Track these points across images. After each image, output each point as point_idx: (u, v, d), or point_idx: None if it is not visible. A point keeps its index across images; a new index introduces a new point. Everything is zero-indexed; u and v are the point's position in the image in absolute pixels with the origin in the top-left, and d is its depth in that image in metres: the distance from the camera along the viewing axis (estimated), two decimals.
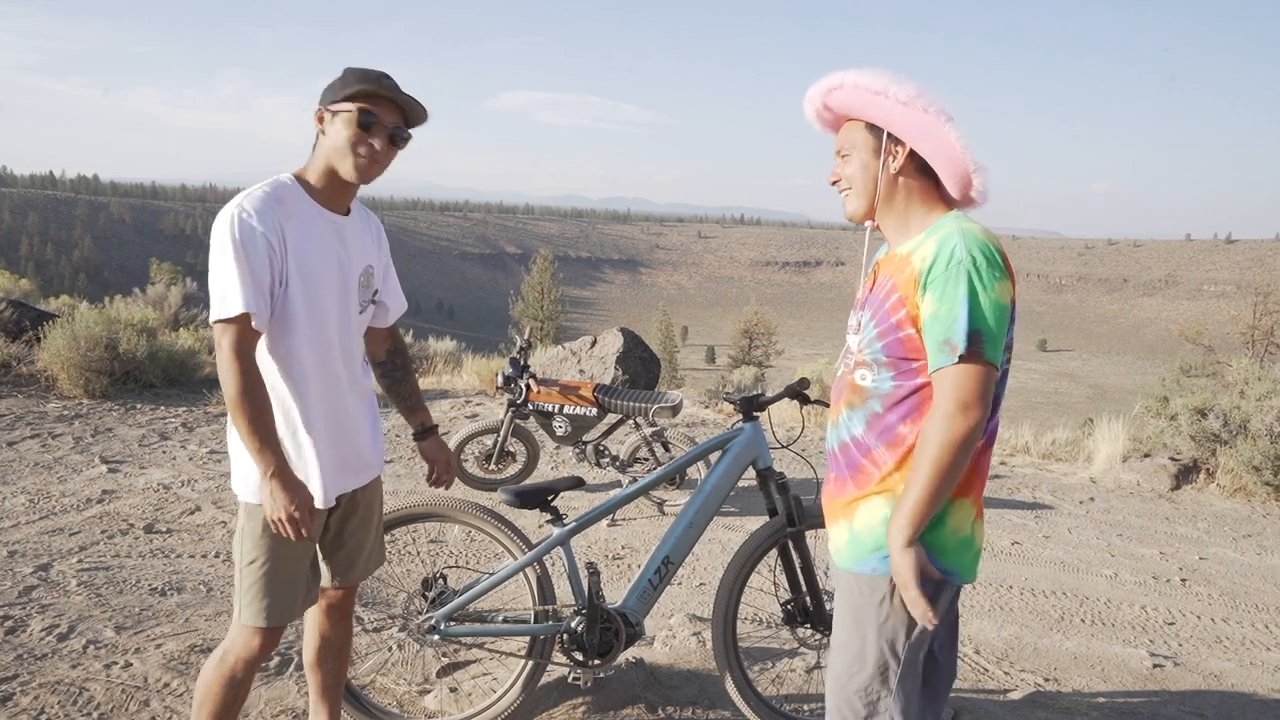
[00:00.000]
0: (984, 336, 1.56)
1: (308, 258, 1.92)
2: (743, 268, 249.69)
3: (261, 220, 1.83)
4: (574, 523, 2.61)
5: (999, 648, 3.66)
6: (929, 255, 1.62)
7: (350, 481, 2.11)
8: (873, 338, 1.72)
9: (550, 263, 48.19)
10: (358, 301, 2.09)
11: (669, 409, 5.09)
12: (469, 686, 2.86)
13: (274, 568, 1.97)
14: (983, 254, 1.59)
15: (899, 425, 1.71)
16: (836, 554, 1.84)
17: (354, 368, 2.10)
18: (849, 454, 1.79)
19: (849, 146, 1.77)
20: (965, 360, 1.56)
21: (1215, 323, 17.25)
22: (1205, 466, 7.02)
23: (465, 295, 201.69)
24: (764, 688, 2.93)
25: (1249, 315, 13.00)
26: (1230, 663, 3.69)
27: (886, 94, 1.67)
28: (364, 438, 2.15)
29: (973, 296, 1.56)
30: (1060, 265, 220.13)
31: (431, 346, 11.30)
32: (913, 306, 1.64)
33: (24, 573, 3.70)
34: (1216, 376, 9.27)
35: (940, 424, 1.58)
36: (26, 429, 6.34)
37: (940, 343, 1.59)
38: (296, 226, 1.90)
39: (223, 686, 2.01)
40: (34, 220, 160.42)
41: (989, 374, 1.58)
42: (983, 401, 1.57)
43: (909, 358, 1.67)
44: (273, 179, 1.94)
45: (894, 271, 1.71)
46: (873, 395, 1.74)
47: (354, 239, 2.06)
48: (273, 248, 1.85)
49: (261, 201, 1.86)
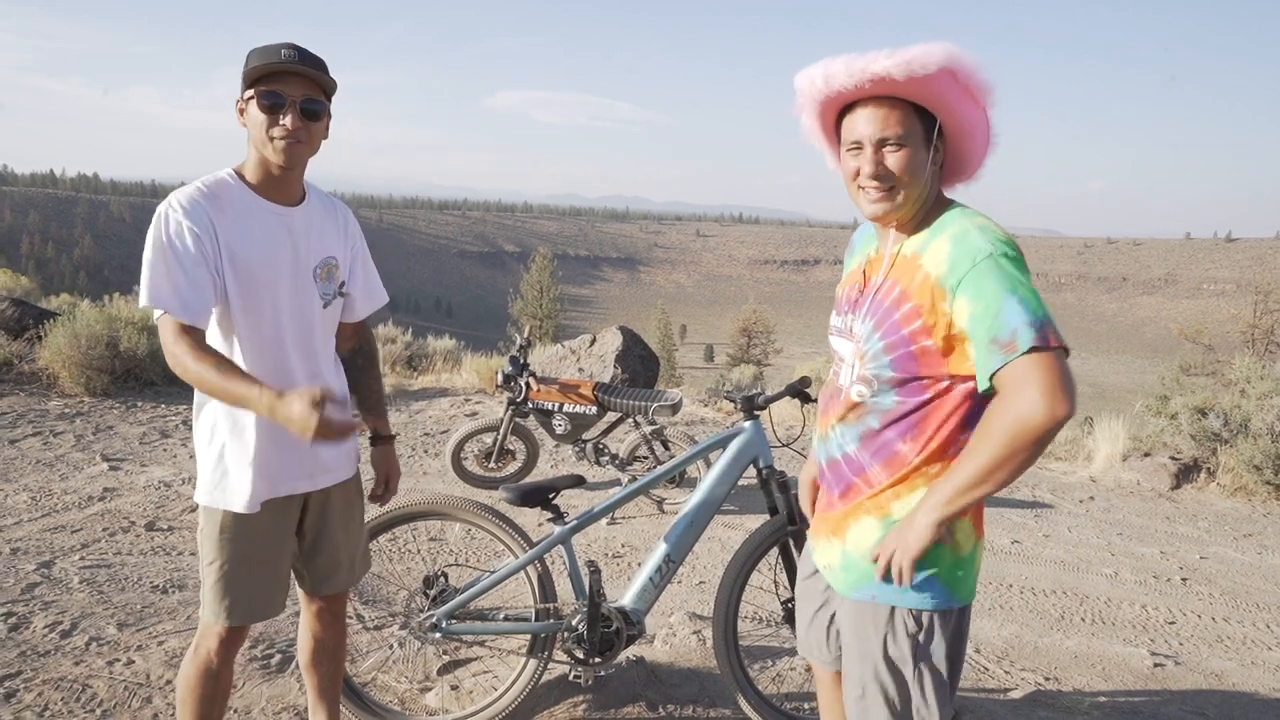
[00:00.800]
0: (1049, 321, 1.41)
1: (247, 252, 1.86)
2: (741, 266, 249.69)
3: (190, 216, 1.79)
4: (575, 521, 2.62)
5: (999, 646, 3.66)
6: (944, 257, 1.50)
7: (304, 484, 2.02)
8: (878, 351, 1.58)
9: (549, 261, 48.18)
10: (318, 295, 2.01)
11: (668, 407, 5.09)
12: (470, 684, 2.87)
13: (234, 569, 1.94)
14: (1008, 245, 1.48)
15: (897, 443, 1.61)
16: (830, 574, 1.77)
17: (313, 363, 2.01)
18: (838, 471, 1.71)
19: (904, 135, 1.53)
20: (1038, 349, 1.39)
21: (1215, 321, 17.25)
22: (1206, 466, 7.02)
23: (464, 293, 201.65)
24: (764, 686, 2.93)
25: (1249, 314, 12.99)
26: (1231, 662, 3.69)
27: (975, 89, 1.48)
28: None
29: (1015, 287, 1.43)
30: (1059, 264, 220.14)
31: (431, 345, 11.30)
32: (931, 315, 1.51)
33: (27, 570, 3.70)
34: (1217, 375, 9.28)
35: (1023, 414, 1.39)
36: (28, 427, 6.34)
37: (988, 343, 1.44)
38: (232, 221, 1.85)
39: (199, 680, 2.01)
40: (35, 219, 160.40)
41: (1066, 360, 1.41)
42: (1070, 391, 1.39)
43: (920, 375, 1.55)
44: (211, 175, 1.90)
45: (900, 276, 1.58)
46: (870, 411, 1.63)
47: (309, 229, 1.99)
48: (203, 243, 1.80)
49: (191, 198, 1.82)
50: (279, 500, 1.98)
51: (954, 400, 1.57)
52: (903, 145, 1.54)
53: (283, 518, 2.01)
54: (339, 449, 2.09)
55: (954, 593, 1.63)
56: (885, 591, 1.63)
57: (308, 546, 2.11)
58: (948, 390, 1.56)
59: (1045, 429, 1.39)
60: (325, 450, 2.04)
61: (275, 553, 2.01)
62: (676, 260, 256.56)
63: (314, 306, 2.01)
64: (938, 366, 1.54)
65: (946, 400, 1.57)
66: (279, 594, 2.05)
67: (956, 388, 1.56)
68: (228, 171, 1.92)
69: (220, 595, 1.95)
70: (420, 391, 9.19)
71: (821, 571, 1.83)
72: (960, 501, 1.48)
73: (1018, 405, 1.40)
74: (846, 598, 1.71)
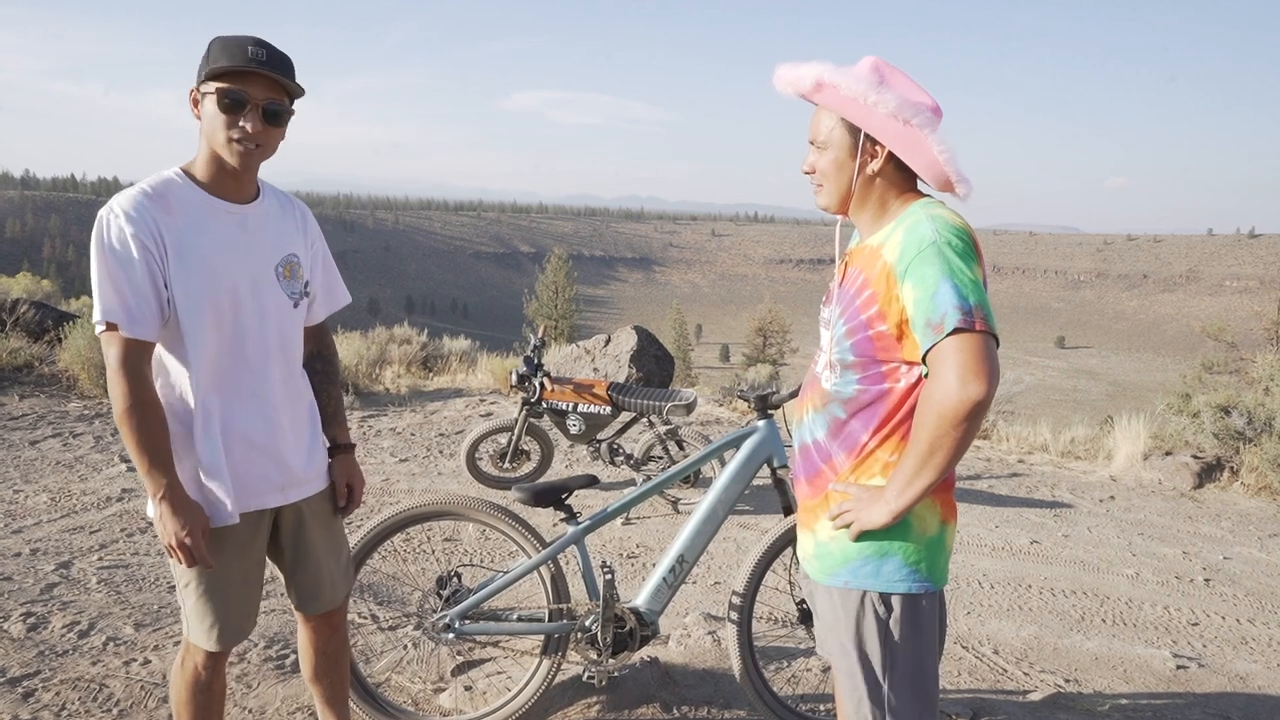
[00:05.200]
0: (980, 307, 1.48)
1: (198, 254, 1.77)
2: (756, 265, 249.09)
3: (132, 221, 1.70)
4: (589, 521, 2.61)
5: (1018, 648, 3.62)
6: (897, 245, 1.57)
7: (273, 498, 1.93)
8: (841, 335, 1.66)
9: (564, 261, 48.21)
10: (283, 294, 1.92)
11: (683, 407, 5.07)
12: (484, 685, 2.86)
13: (210, 589, 1.88)
14: (955, 235, 1.53)
15: (861, 433, 1.66)
16: (806, 564, 1.81)
17: (279, 369, 1.93)
18: (809, 457, 1.76)
19: (825, 140, 1.67)
20: (961, 331, 1.46)
21: (1238, 319, 17.00)
22: (1229, 465, 6.92)
23: (479, 294, 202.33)
24: (780, 687, 2.91)
25: (1273, 311, 12.79)
26: (1257, 664, 3.63)
27: (866, 101, 1.58)
28: (290, 448, 1.95)
29: (953, 273, 1.49)
30: (1078, 261, 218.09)
31: (446, 345, 11.33)
32: (886, 302, 1.57)
33: (46, 570, 3.73)
34: (1240, 373, 9.15)
35: (938, 396, 1.47)
36: (48, 428, 6.41)
37: (923, 325, 1.51)
38: (180, 223, 1.75)
39: (191, 693, 1.98)
40: (56, 223, 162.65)
41: (990, 344, 1.47)
42: (988, 374, 1.45)
43: (878, 359, 1.61)
44: (156, 175, 1.80)
45: (865, 265, 1.65)
46: (834, 399, 1.68)
47: (265, 228, 1.90)
48: (148, 249, 1.70)
49: (134, 201, 1.71)
50: (250, 514, 1.91)
51: (907, 386, 1.62)
52: (825, 147, 1.68)
53: (254, 532, 1.93)
54: (314, 459, 2.03)
55: (924, 575, 1.66)
56: (857, 576, 1.67)
57: (289, 564, 2.05)
58: (903, 376, 1.62)
59: (961, 410, 1.45)
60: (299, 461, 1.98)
61: (252, 567, 1.96)
62: (692, 260, 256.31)
63: (282, 306, 1.92)
64: (893, 351, 1.60)
65: (899, 386, 1.62)
66: (255, 612, 2.01)
67: (911, 373, 1.61)
68: (175, 170, 1.83)
69: (203, 617, 1.89)
70: (436, 392, 9.22)
71: (802, 563, 1.86)
72: (910, 493, 1.55)
73: (935, 388, 1.49)
74: (820, 584, 1.76)
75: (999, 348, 1.52)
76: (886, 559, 1.65)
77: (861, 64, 1.63)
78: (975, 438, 1.56)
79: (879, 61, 1.64)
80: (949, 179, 1.61)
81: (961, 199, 1.66)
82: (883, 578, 1.66)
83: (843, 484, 1.69)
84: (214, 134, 1.76)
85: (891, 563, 1.65)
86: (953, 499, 1.71)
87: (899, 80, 1.62)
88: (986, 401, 1.46)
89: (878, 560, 1.65)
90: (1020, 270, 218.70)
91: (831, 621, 1.75)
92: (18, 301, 8.66)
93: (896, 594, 1.66)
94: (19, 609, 3.30)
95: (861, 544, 1.66)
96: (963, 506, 5.91)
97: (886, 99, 1.57)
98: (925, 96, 1.61)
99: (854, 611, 1.68)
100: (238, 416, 1.86)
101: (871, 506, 1.60)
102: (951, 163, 1.59)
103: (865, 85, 1.58)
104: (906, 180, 1.68)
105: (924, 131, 1.58)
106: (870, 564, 1.66)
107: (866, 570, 1.66)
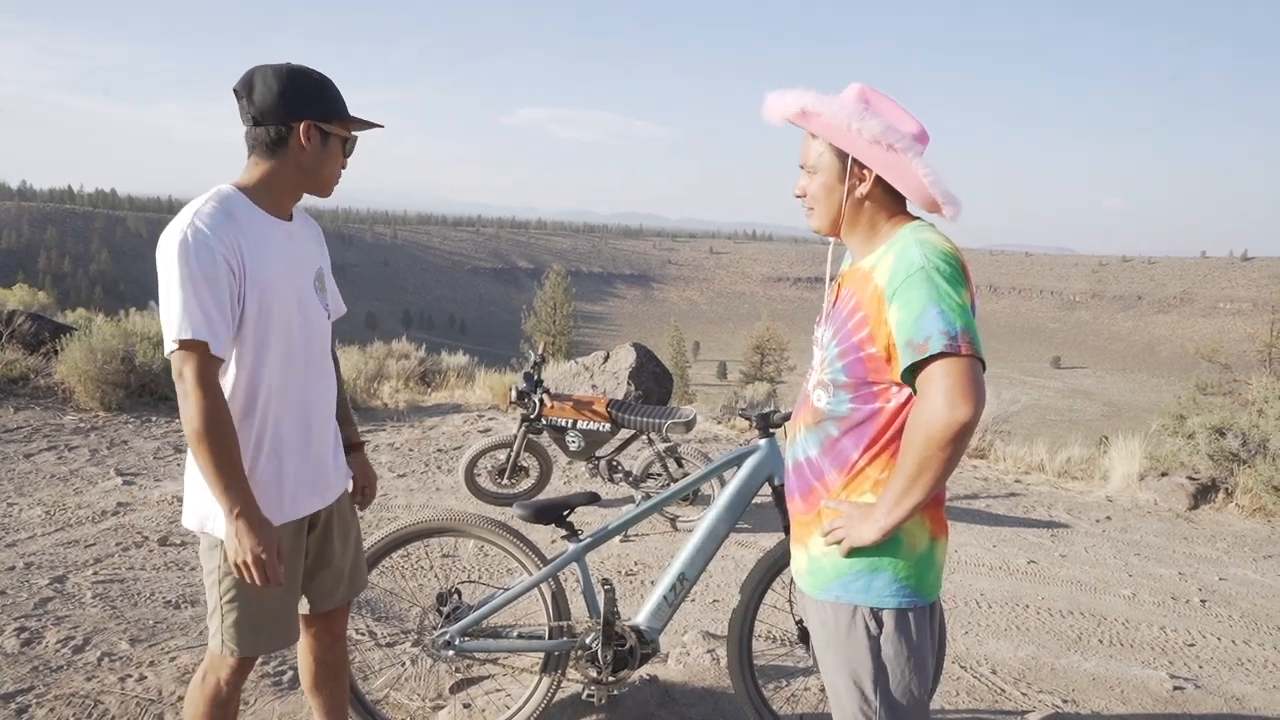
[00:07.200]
0: (966, 331, 1.51)
1: (267, 269, 1.83)
2: (754, 283, 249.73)
3: (220, 240, 1.73)
4: (589, 538, 2.61)
5: (1015, 668, 3.61)
6: (886, 269, 1.60)
7: (316, 501, 2.01)
8: (834, 356, 1.69)
9: (563, 277, 48.29)
10: (320, 306, 2.01)
11: (682, 424, 5.08)
12: (483, 702, 2.85)
13: (251, 599, 1.89)
14: (943, 260, 1.56)
15: (852, 451, 1.69)
16: (799, 579, 1.83)
17: (318, 378, 2.00)
18: (801, 474, 1.79)
19: (814, 165, 1.72)
20: (948, 355, 1.49)
21: (1231, 340, 17.08)
22: (1224, 486, 6.94)
23: (477, 310, 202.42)
24: (779, 706, 2.90)
25: (1266, 333, 12.87)
26: (1253, 686, 3.63)
27: (851, 128, 1.63)
28: (329, 453, 2.05)
29: (940, 298, 1.52)
30: (1073, 282, 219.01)
31: (444, 361, 11.34)
32: (876, 325, 1.60)
33: (40, 584, 3.71)
34: (1234, 395, 9.18)
35: (926, 418, 1.50)
36: (44, 441, 6.39)
37: (904, 345, 1.54)
38: (250, 240, 1.81)
39: (209, 705, 1.98)
40: (52, 234, 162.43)
41: (976, 367, 1.50)
42: (974, 397, 1.48)
43: (870, 381, 1.64)
44: (216, 191, 1.83)
45: (857, 287, 1.68)
46: (828, 417, 1.71)
47: (302, 243, 1.99)
48: (230, 267, 1.75)
49: (213, 218, 1.74)
50: (294, 522, 1.96)
51: (897, 405, 1.65)
52: (815, 172, 1.72)
53: (297, 539, 1.98)
54: (339, 462, 2.11)
55: (914, 590, 1.68)
56: (848, 591, 1.69)
57: (312, 563, 2.08)
58: (893, 396, 1.65)
59: (949, 432, 1.48)
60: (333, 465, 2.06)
61: (292, 577, 1.98)
62: (690, 277, 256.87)
63: (320, 317, 2.01)
64: (883, 372, 1.63)
65: (889, 406, 1.65)
66: (295, 619, 2.04)
67: (901, 393, 1.64)
68: (229, 187, 1.86)
69: (239, 628, 1.90)
70: (434, 408, 9.21)
71: (795, 578, 1.87)
72: (898, 511, 1.58)
73: (922, 410, 1.52)
74: (813, 599, 1.77)
75: (985, 371, 1.55)
76: (877, 574, 1.67)
77: (847, 91, 1.69)
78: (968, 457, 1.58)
79: (865, 88, 1.69)
80: (935, 201, 1.65)
81: (950, 220, 1.70)
82: (873, 593, 1.68)
83: (834, 501, 1.71)
84: (323, 168, 1.91)
85: (882, 578, 1.67)
86: (943, 515, 1.74)
87: (884, 106, 1.67)
88: (973, 424, 1.49)
89: (868, 575, 1.68)
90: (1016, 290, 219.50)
91: (823, 636, 1.77)
92: (14, 313, 8.65)
93: (887, 609, 1.68)
94: (13, 623, 3.28)
95: (853, 560, 1.68)
96: (960, 526, 5.91)
97: (870, 125, 1.61)
98: (910, 122, 1.65)
99: (845, 626, 1.71)
100: (287, 427, 1.92)
101: (862, 524, 1.63)
102: (936, 185, 1.62)
103: (849, 112, 1.63)
104: (896, 203, 1.71)
105: (907, 156, 1.62)
106: (861, 579, 1.68)
107: (858, 585, 1.69)
